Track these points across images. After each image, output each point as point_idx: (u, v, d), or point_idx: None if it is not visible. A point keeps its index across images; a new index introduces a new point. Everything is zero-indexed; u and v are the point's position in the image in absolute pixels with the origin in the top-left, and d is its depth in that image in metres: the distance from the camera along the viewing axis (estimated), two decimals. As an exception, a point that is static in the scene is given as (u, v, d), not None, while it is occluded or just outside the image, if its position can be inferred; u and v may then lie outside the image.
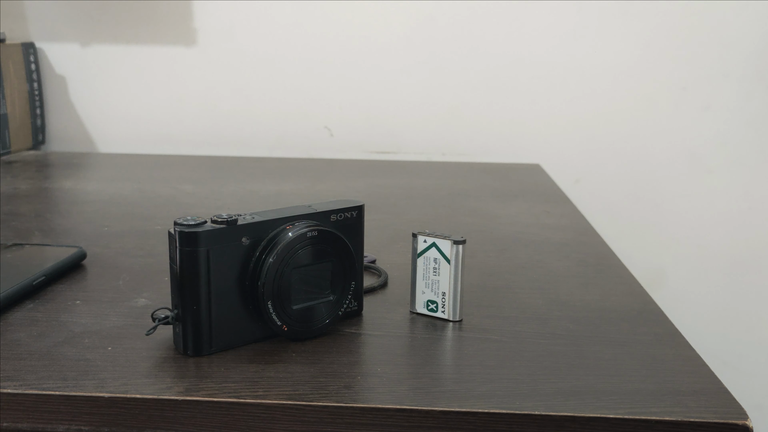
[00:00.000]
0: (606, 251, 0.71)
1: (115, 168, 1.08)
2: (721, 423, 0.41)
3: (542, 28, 1.14)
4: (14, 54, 1.13)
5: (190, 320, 0.47)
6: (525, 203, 0.90)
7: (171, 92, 1.20)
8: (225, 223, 0.46)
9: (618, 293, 0.60)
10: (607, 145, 1.16)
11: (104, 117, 1.21)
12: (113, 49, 1.19)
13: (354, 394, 0.43)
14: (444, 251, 0.53)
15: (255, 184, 0.98)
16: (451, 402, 0.42)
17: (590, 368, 0.47)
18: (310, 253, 0.49)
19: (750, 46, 1.12)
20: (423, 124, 1.18)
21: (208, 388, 0.43)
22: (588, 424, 0.41)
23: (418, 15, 1.15)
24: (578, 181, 1.17)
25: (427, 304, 0.54)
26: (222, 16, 1.17)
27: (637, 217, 1.17)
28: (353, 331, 0.52)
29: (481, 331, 0.52)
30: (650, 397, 0.43)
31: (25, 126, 1.15)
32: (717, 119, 1.14)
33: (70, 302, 0.56)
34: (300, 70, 1.18)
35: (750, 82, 1.13)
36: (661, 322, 0.54)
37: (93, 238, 0.72)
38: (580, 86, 1.15)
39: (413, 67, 1.16)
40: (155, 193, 0.92)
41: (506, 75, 1.16)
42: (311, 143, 1.20)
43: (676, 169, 1.16)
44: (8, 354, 0.47)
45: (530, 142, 1.17)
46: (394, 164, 1.13)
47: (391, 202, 0.89)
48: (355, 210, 0.53)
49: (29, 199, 0.88)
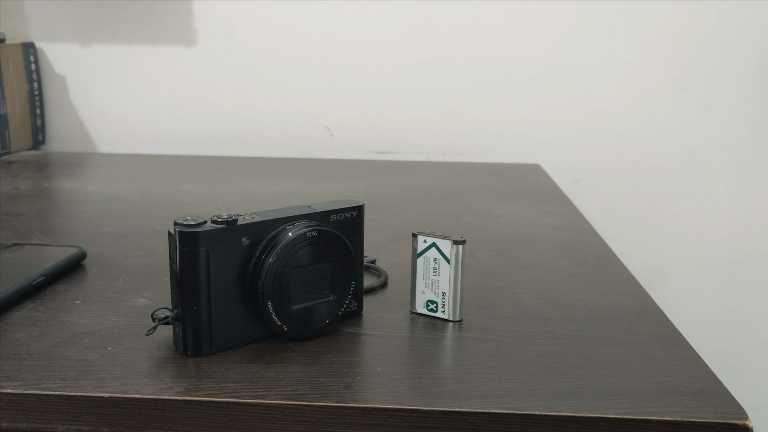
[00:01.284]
0: (606, 251, 0.71)
1: (115, 168, 1.08)
2: (720, 423, 0.41)
3: (542, 28, 1.14)
4: (14, 54, 1.13)
5: (189, 320, 0.47)
6: (525, 203, 0.90)
7: (171, 92, 1.20)
8: (225, 223, 0.46)
9: (618, 293, 0.60)
10: (607, 145, 1.16)
11: (104, 117, 1.21)
12: (113, 49, 1.19)
13: (354, 394, 0.43)
14: (444, 251, 0.53)
15: (255, 184, 0.98)
16: (450, 402, 0.42)
17: (590, 368, 0.47)
18: (310, 253, 0.49)
19: (750, 46, 1.12)
20: (423, 124, 1.18)
21: (207, 388, 0.43)
22: (588, 424, 0.41)
23: (418, 15, 1.15)
24: (578, 181, 1.17)
25: (427, 304, 0.54)
26: (222, 16, 1.17)
27: (637, 217, 1.17)
28: (353, 331, 0.52)
29: (481, 331, 0.52)
30: (650, 397, 0.43)
31: (25, 126, 1.15)
32: (717, 119, 1.14)
33: (70, 302, 0.56)
34: (300, 70, 1.18)
35: (750, 82, 1.13)
36: (661, 322, 0.54)
37: (93, 238, 0.72)
38: (580, 86, 1.15)
39: (413, 67, 1.16)
40: (155, 193, 0.92)
41: (506, 75, 1.16)
42: (311, 143, 1.20)
43: (676, 169, 1.16)
44: (8, 354, 0.47)
45: (530, 142, 1.17)
46: (394, 164, 1.13)
47: (391, 202, 0.89)
48: (355, 210, 0.53)
49: (29, 199, 0.88)
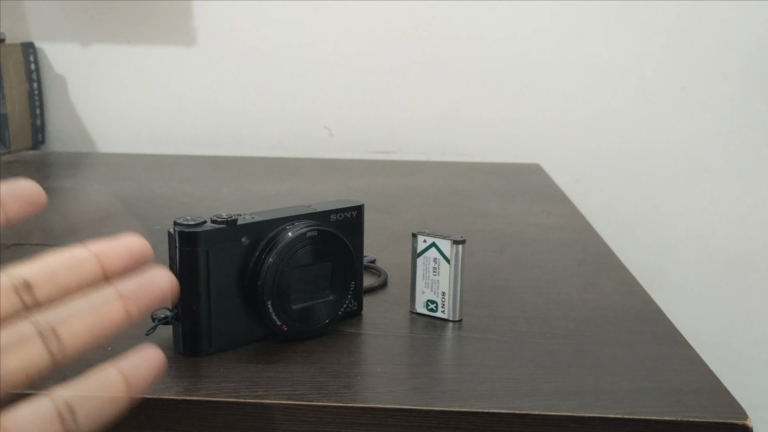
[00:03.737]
0: (606, 251, 0.71)
1: (115, 168, 1.08)
2: (720, 422, 0.41)
3: (542, 28, 1.14)
4: (14, 54, 1.13)
5: (189, 320, 0.47)
6: (525, 203, 0.90)
7: (171, 92, 1.20)
8: (225, 223, 0.46)
9: (618, 293, 0.60)
10: (607, 145, 1.16)
11: (104, 117, 1.21)
12: (113, 48, 1.19)
13: (354, 394, 0.43)
14: (444, 251, 0.53)
15: (255, 184, 0.98)
16: (450, 402, 0.42)
17: (590, 368, 0.47)
18: (310, 253, 0.49)
19: (750, 46, 1.12)
20: (423, 124, 1.18)
21: (207, 388, 0.43)
22: (588, 424, 0.41)
23: (418, 15, 1.15)
24: (578, 181, 1.17)
25: (427, 304, 0.54)
26: (222, 16, 1.17)
27: (637, 216, 1.17)
28: (353, 331, 0.52)
29: (481, 331, 0.52)
30: (650, 397, 0.43)
31: (25, 126, 1.15)
32: (717, 119, 1.14)
33: (70, 302, 0.56)
34: (300, 70, 1.18)
35: (750, 82, 1.13)
36: (661, 321, 0.54)
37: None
38: (580, 86, 1.15)
39: (413, 67, 1.16)
40: (155, 193, 0.92)
41: (506, 75, 1.16)
42: (311, 143, 1.20)
43: (675, 168, 1.16)
44: (8, 354, 0.47)
45: (530, 142, 1.17)
46: (394, 164, 1.13)
47: (391, 202, 0.89)
48: (355, 210, 0.53)
49: (29, 199, 0.88)
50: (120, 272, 0.36)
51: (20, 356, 0.33)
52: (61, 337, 0.34)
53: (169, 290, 0.36)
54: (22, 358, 0.33)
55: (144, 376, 0.35)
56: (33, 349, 0.33)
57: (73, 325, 0.34)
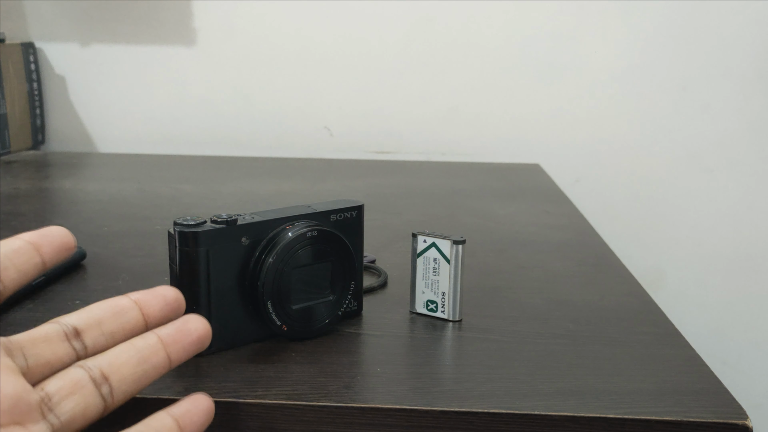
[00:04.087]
0: (606, 251, 0.71)
1: (115, 168, 1.08)
2: (720, 423, 0.41)
3: (542, 28, 1.14)
4: (14, 54, 1.13)
5: (189, 320, 0.46)
6: (525, 203, 0.90)
7: (171, 92, 1.20)
8: (225, 223, 0.46)
9: (618, 293, 0.60)
10: (607, 145, 1.16)
11: (104, 117, 1.21)
12: (113, 49, 1.19)
13: (354, 394, 0.43)
14: (444, 251, 0.53)
15: (255, 184, 0.98)
16: (450, 402, 0.42)
17: (590, 368, 0.47)
18: (310, 253, 0.49)
19: (750, 46, 1.12)
20: (423, 124, 1.18)
21: (207, 387, 0.43)
22: (588, 424, 0.41)
23: (418, 15, 1.15)
24: (578, 181, 1.17)
25: (427, 304, 0.54)
26: (222, 16, 1.17)
27: (637, 217, 1.17)
28: (353, 331, 0.52)
29: (481, 331, 0.52)
30: (650, 397, 0.43)
31: (24, 126, 1.15)
32: (717, 119, 1.14)
33: (70, 302, 0.56)
34: (300, 70, 1.18)
35: (750, 82, 1.13)
36: (661, 322, 0.54)
37: (93, 238, 0.72)
38: (580, 86, 1.15)
39: (413, 67, 1.16)
40: (155, 193, 0.92)
41: (506, 75, 1.16)
42: (311, 143, 1.20)
43: (676, 169, 1.16)
44: (8, 354, 0.47)
45: (530, 142, 1.17)
46: (394, 164, 1.13)
47: (391, 202, 0.89)
48: (355, 210, 0.53)
49: (29, 199, 0.88)
50: (159, 320, 0.38)
51: (76, 401, 0.33)
52: (111, 382, 0.35)
53: (205, 336, 0.37)
54: (77, 402, 0.33)
55: (196, 423, 0.36)
56: (87, 393, 0.34)
57: (121, 371, 0.35)
